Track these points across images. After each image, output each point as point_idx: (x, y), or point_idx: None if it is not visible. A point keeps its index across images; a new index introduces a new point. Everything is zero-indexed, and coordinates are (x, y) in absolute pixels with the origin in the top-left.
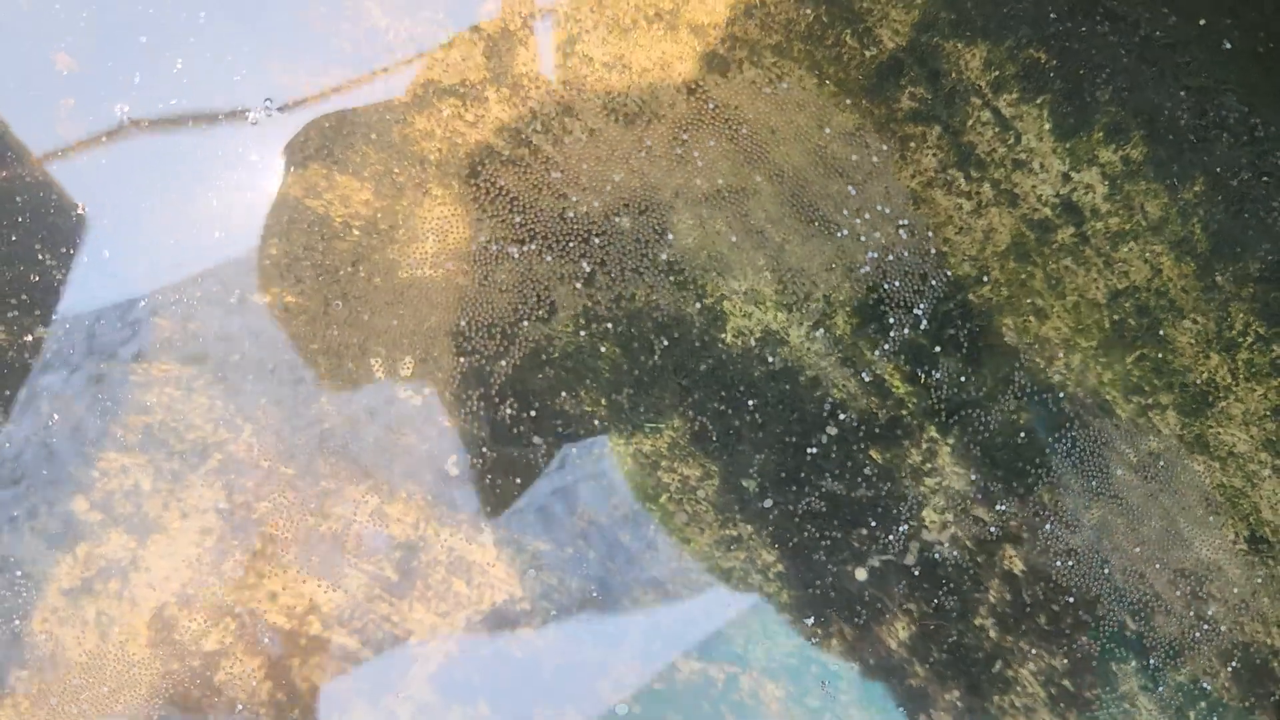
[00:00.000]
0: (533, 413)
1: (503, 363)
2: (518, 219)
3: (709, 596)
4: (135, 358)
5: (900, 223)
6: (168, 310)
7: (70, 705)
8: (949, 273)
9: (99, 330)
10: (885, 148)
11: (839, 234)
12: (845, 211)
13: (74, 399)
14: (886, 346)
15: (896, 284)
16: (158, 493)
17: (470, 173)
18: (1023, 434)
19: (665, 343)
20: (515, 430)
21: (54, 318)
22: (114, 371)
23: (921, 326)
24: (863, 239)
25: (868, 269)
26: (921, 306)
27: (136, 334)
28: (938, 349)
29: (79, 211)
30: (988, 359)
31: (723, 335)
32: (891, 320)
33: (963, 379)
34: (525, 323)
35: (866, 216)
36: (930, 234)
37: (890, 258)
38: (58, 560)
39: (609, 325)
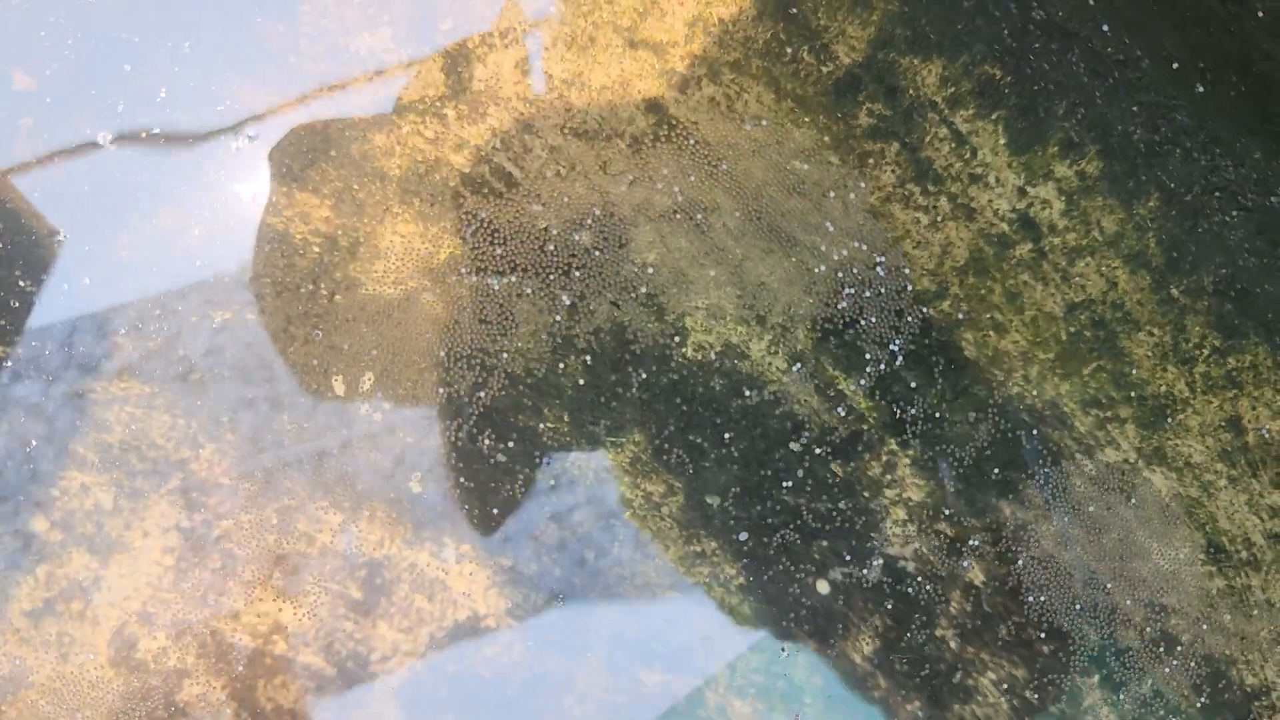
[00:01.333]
0: (497, 429)
1: (466, 379)
2: (473, 230)
3: (674, 611)
4: (95, 375)
5: (878, 259)
6: (127, 328)
7: None
8: (923, 309)
9: (59, 347)
10: (863, 186)
11: (816, 269)
12: (824, 246)
13: (34, 416)
14: (863, 382)
15: (873, 320)
16: (119, 512)
17: (431, 190)
18: (984, 447)
19: (643, 375)
20: (479, 447)
21: (15, 334)
22: (74, 389)
23: (898, 362)
24: (839, 275)
25: (845, 304)
26: (897, 342)
27: (96, 351)
28: (899, 362)
29: (59, 238)
30: (949, 374)
31: (684, 350)
32: (869, 356)
33: (925, 397)
34: (489, 339)
35: (844, 252)
36: (907, 270)
37: (868, 293)
38: (18, 581)
39: (578, 347)
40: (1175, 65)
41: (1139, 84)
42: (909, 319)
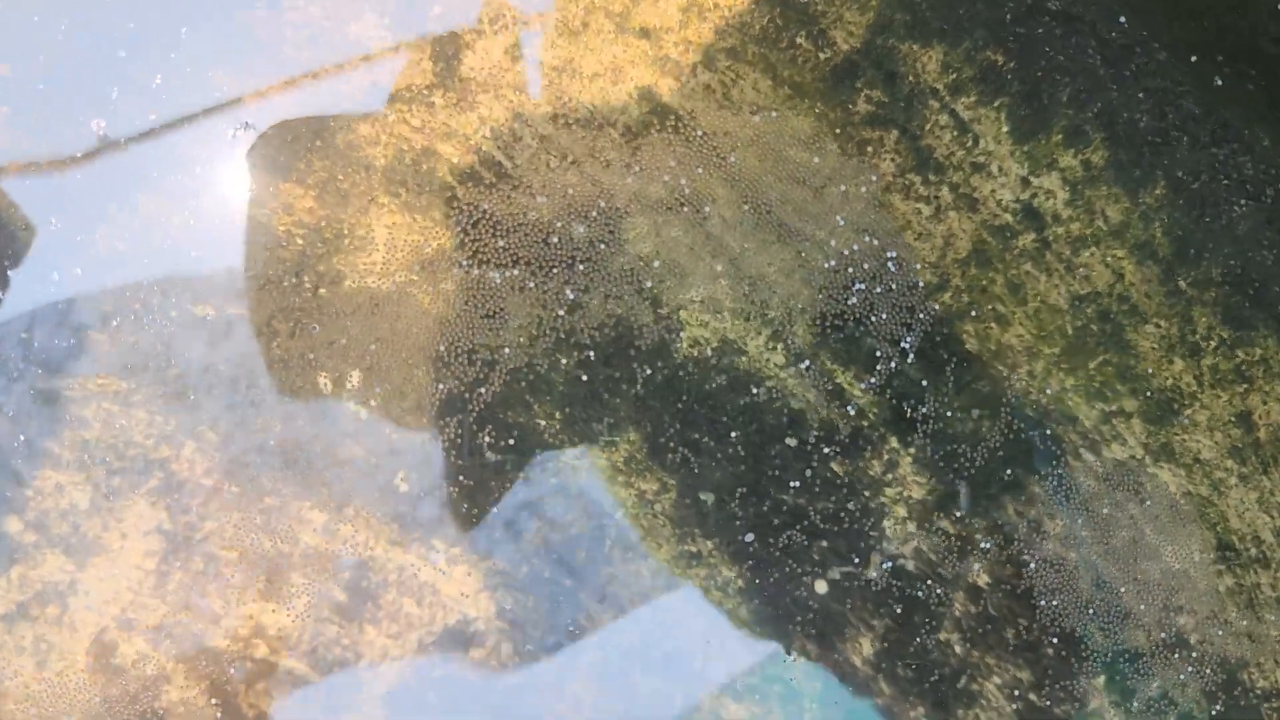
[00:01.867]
0: (487, 427)
1: (456, 377)
2: (474, 221)
3: (667, 613)
4: (71, 371)
5: (889, 254)
6: (104, 322)
7: None
8: (933, 305)
9: (34, 341)
10: (874, 179)
11: (826, 263)
12: (832, 241)
13: (8, 412)
14: (873, 380)
15: (884, 316)
16: (96, 512)
17: (419, 180)
18: (996, 448)
19: (647, 371)
20: (468, 445)
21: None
22: (49, 385)
23: (909, 360)
24: (850, 270)
25: (855, 300)
26: (909, 339)
27: (72, 345)
28: (910, 359)
29: (51, 227)
30: (957, 370)
31: (679, 345)
32: (879, 353)
33: (935, 396)
34: (489, 334)
35: (856, 248)
36: (918, 267)
37: (878, 290)
38: None
39: (581, 342)
40: (1194, 59)
41: (1145, 70)
42: (921, 315)
